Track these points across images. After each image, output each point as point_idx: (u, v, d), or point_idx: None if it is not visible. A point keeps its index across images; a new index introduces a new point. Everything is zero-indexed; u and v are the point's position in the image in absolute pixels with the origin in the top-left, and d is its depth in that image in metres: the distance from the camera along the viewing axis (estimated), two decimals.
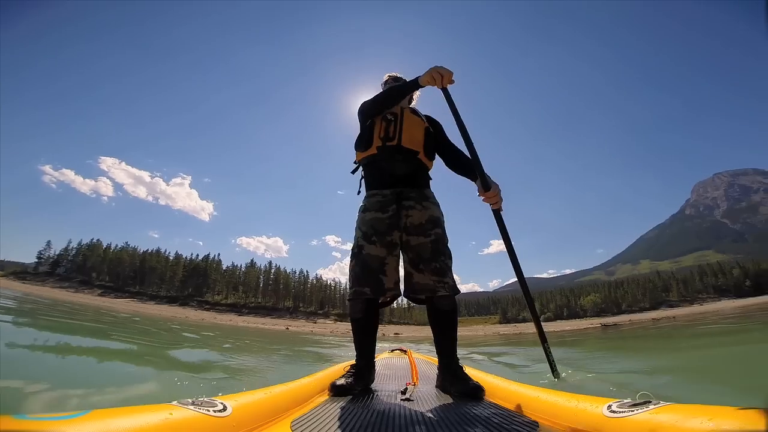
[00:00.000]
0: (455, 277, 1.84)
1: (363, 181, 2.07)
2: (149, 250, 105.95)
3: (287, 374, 3.41)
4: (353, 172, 2.14)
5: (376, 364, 1.91)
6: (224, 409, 0.95)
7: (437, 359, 1.82)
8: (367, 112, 2.04)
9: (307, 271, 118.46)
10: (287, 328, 42.76)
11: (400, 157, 1.93)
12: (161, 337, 7.23)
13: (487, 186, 1.83)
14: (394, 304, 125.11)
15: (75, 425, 0.66)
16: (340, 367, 2.07)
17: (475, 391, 1.49)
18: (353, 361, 1.82)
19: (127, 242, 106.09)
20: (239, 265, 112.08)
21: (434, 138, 2.06)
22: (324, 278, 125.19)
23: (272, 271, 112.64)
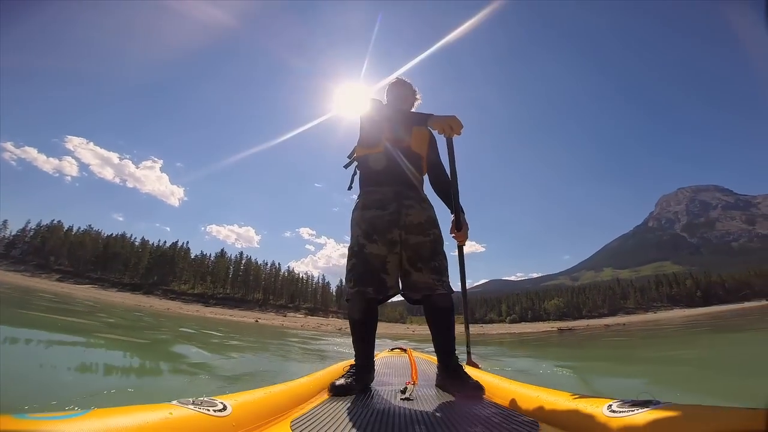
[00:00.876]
0: None
1: (356, 177, 2.09)
2: (113, 234, 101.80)
3: (287, 374, 3.48)
4: (346, 166, 2.14)
5: (376, 363, 1.91)
6: (224, 408, 0.95)
7: (437, 358, 1.83)
8: (370, 123, 2.09)
9: (279, 264, 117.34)
10: (257, 321, 42.58)
11: (408, 158, 1.97)
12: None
13: (459, 226, 2.00)
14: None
15: (75, 425, 0.66)
16: (339, 366, 2.07)
17: (475, 391, 1.50)
18: (353, 361, 1.82)
19: (90, 225, 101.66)
20: (208, 254, 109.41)
21: (434, 148, 2.13)
22: (296, 271, 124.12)
23: (243, 261, 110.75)
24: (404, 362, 2.66)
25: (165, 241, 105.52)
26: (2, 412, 0.66)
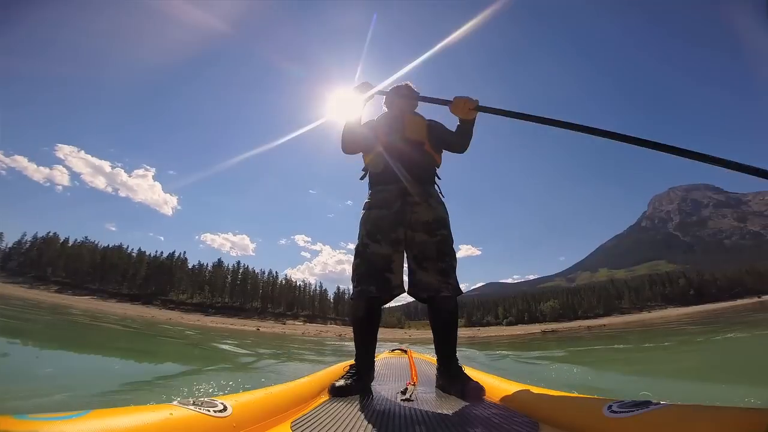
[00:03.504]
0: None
1: (369, 182, 2.09)
2: (109, 246, 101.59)
3: (287, 374, 3.57)
4: (362, 178, 2.13)
5: (376, 364, 1.91)
6: (224, 409, 0.96)
7: (437, 359, 1.83)
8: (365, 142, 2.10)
9: (276, 272, 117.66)
10: (258, 329, 42.95)
11: (406, 149, 1.93)
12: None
13: (447, 102, 1.90)
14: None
15: (75, 425, 0.66)
16: (339, 367, 2.06)
17: (475, 391, 1.49)
18: (353, 361, 1.82)
19: (86, 237, 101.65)
20: (206, 264, 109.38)
21: (438, 134, 2.06)
22: (292, 279, 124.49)
23: (240, 270, 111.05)
24: (404, 363, 2.67)
25: (162, 252, 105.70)
26: (2, 412, 0.66)
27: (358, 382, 1.60)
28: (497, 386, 1.60)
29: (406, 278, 1.89)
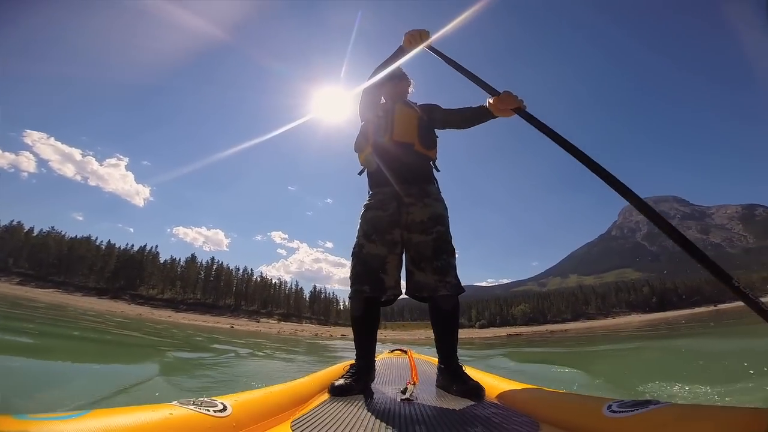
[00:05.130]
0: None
1: (367, 180, 2.07)
2: (77, 236, 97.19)
3: (287, 374, 3.54)
4: (360, 173, 2.12)
5: (376, 364, 1.90)
6: (224, 409, 0.96)
7: (437, 359, 1.83)
8: (364, 99, 2.07)
9: (251, 269, 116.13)
10: (232, 327, 42.66)
11: (394, 151, 1.91)
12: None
13: (494, 92, 1.73)
14: (341, 306, 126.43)
15: (75, 425, 0.66)
16: (340, 366, 2.06)
17: (475, 391, 1.48)
18: (353, 361, 1.81)
19: (53, 227, 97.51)
20: (178, 259, 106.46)
21: (431, 126, 2.02)
22: (267, 276, 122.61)
23: (214, 267, 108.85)
24: (404, 363, 2.67)
25: (132, 244, 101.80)
26: (2, 412, 0.67)
27: (358, 382, 1.60)
28: (497, 386, 1.62)
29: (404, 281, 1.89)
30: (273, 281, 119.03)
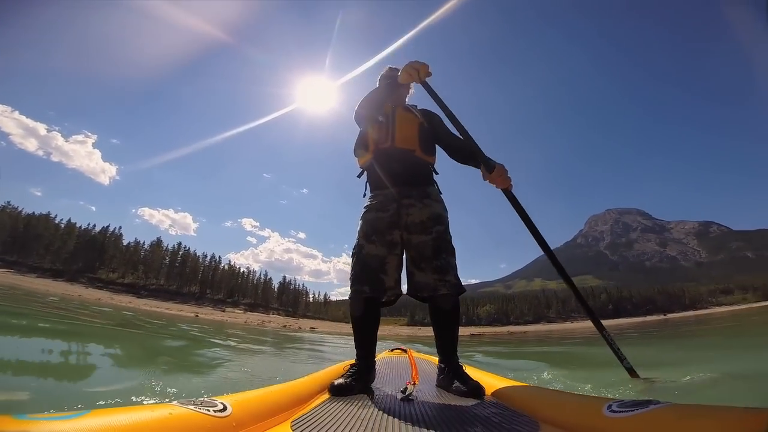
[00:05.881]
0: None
1: (367, 183, 2.08)
2: (34, 213, 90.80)
3: (287, 374, 3.52)
4: (359, 176, 2.13)
5: (377, 363, 1.90)
6: (224, 409, 0.95)
7: (437, 358, 1.83)
8: (359, 119, 2.06)
9: (219, 257, 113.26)
10: (196, 315, 41.59)
11: (396, 158, 1.93)
12: None
13: (490, 167, 1.84)
14: (310, 298, 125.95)
15: (75, 425, 0.66)
16: (340, 366, 2.04)
17: (475, 391, 1.49)
18: (353, 361, 1.81)
19: (8, 201, 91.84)
20: (142, 242, 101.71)
21: (431, 132, 2.03)
22: (235, 264, 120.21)
23: (180, 252, 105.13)
24: (404, 362, 2.66)
25: (94, 225, 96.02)
26: (2, 412, 0.67)
27: (358, 381, 1.60)
28: (497, 385, 1.62)
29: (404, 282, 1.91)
30: (241, 270, 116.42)
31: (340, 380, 1.56)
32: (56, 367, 2.81)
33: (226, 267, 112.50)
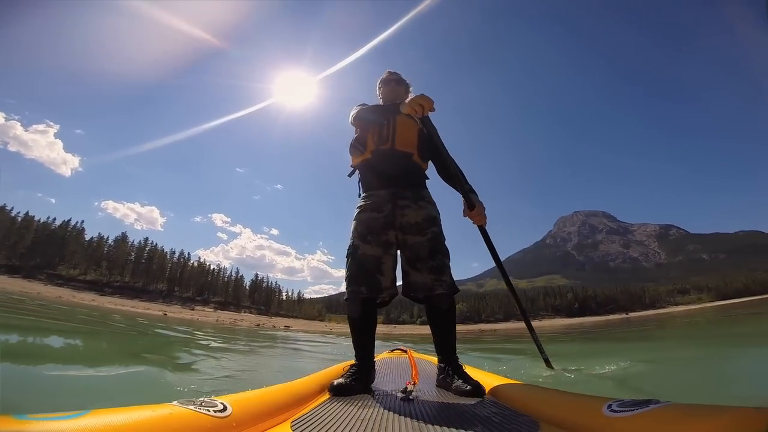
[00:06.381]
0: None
1: (360, 183, 2.09)
2: None
3: (287, 374, 3.45)
4: (350, 175, 2.15)
5: (376, 363, 1.90)
6: (224, 409, 0.96)
7: (437, 358, 1.83)
8: (360, 119, 2.07)
9: (189, 253, 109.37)
10: (165, 314, 40.37)
11: (394, 159, 1.94)
12: None
13: (471, 205, 1.93)
14: (283, 296, 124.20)
15: (75, 425, 0.66)
16: (340, 366, 2.04)
17: (476, 390, 1.49)
18: (353, 361, 1.80)
19: None
20: (106, 237, 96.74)
21: (429, 139, 2.03)
22: (205, 260, 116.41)
23: (147, 248, 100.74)
24: (404, 362, 2.67)
25: (54, 218, 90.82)
26: (2, 412, 0.67)
27: (358, 382, 1.60)
28: (497, 385, 1.62)
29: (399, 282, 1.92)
30: (211, 267, 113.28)
31: (340, 380, 1.56)
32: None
33: (196, 264, 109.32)
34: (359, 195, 2.08)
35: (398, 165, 1.95)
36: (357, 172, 2.13)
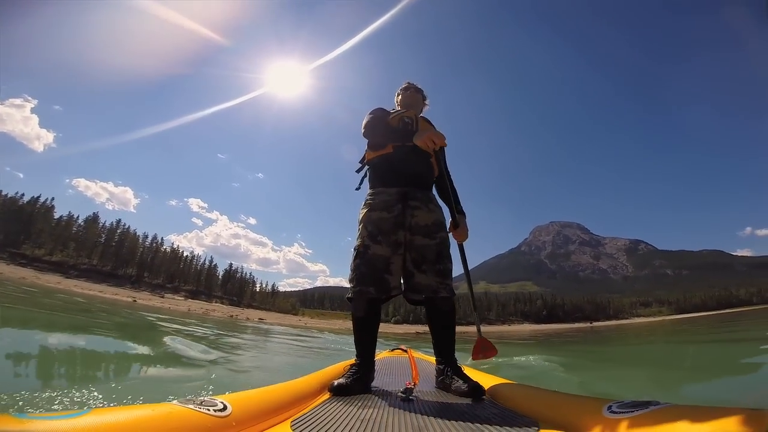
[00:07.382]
0: None
1: (367, 178, 2.11)
2: None
3: (287, 374, 3.43)
4: (358, 171, 2.16)
5: (377, 363, 1.89)
6: (224, 408, 0.95)
7: (436, 359, 1.84)
8: (379, 118, 2.06)
9: (162, 238, 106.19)
10: (134, 301, 39.25)
11: (415, 157, 1.96)
12: None
13: (456, 224, 2.07)
14: (257, 288, 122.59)
15: (75, 424, 0.66)
16: (340, 366, 2.04)
17: (475, 391, 1.49)
18: (353, 361, 1.80)
19: None
20: (76, 216, 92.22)
21: (441, 149, 2.06)
22: (178, 246, 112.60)
23: (118, 231, 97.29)
24: (405, 363, 2.67)
25: (22, 194, 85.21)
26: (2, 412, 0.68)
27: (358, 382, 1.60)
28: (497, 386, 1.63)
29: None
30: (184, 254, 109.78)
31: (341, 380, 1.56)
32: None
33: (169, 250, 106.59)
34: (357, 188, 2.16)
35: (417, 162, 1.98)
36: (366, 167, 2.15)
